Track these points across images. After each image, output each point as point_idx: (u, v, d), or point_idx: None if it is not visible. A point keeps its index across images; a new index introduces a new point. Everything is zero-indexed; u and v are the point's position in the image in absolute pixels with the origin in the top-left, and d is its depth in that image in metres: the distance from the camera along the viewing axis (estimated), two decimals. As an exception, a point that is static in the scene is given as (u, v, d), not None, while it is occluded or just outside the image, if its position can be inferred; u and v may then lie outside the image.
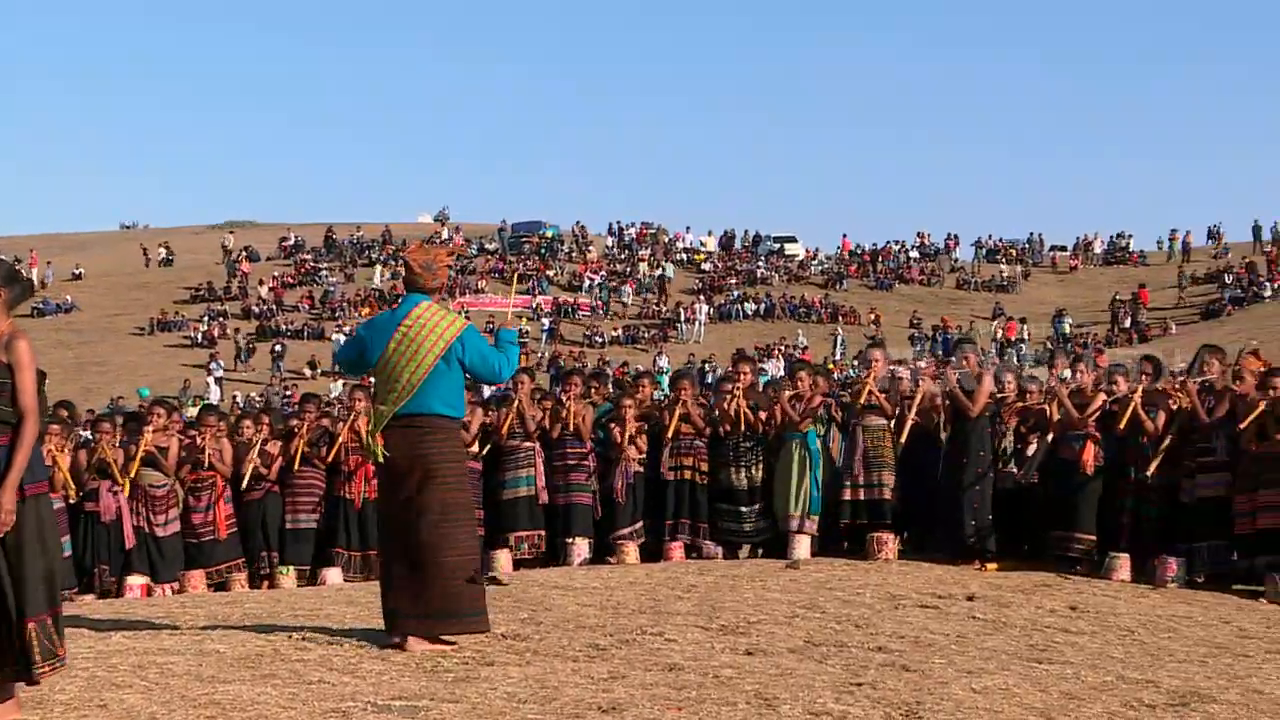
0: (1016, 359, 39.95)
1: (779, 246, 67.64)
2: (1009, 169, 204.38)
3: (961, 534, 11.46)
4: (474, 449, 12.18)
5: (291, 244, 68.15)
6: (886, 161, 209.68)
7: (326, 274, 62.60)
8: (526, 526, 12.46)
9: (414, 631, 6.99)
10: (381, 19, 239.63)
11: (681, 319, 54.75)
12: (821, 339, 51.88)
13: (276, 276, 61.30)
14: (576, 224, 69.37)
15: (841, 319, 55.46)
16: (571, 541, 12.32)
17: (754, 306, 57.94)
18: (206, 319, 53.77)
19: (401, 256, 10.50)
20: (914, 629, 8.21)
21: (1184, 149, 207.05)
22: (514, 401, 12.60)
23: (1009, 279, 62.35)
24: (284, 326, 53.38)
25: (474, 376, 7.66)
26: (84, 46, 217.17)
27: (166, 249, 68.43)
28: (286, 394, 38.34)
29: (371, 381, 8.37)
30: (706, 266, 64.20)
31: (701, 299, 57.63)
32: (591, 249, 66.22)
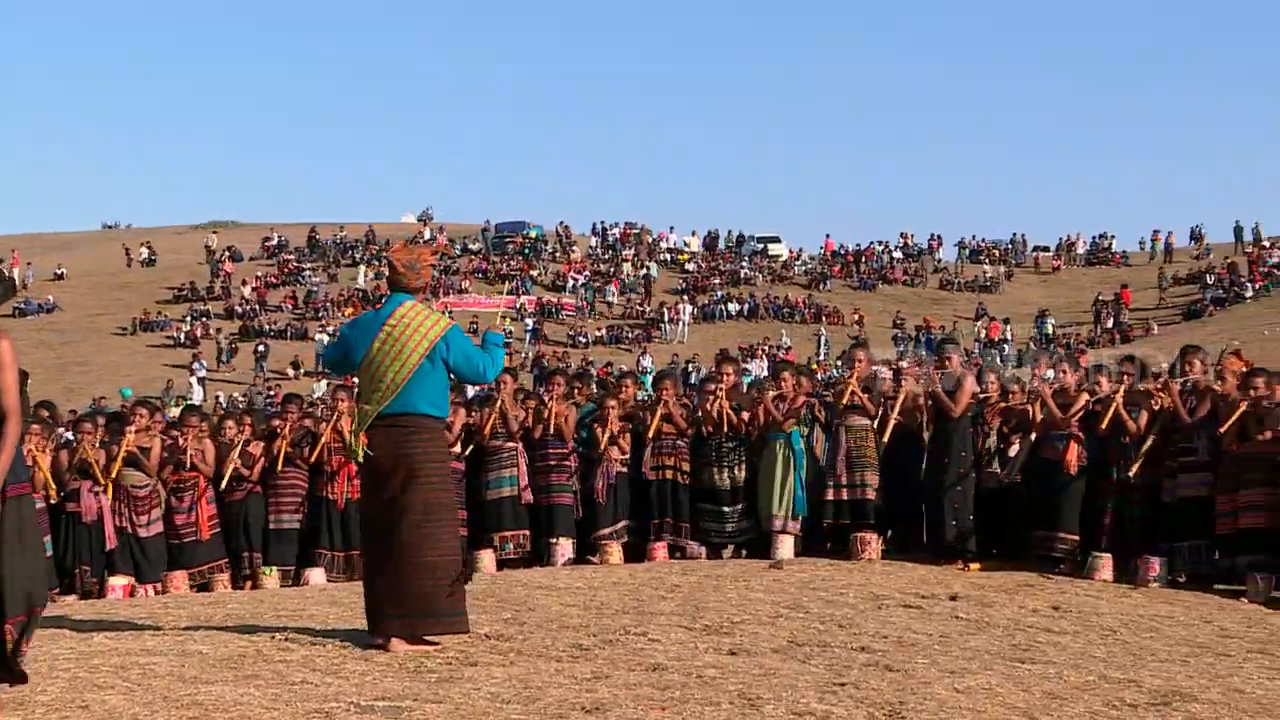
0: (999, 359, 40.03)
1: (762, 247, 67.72)
2: (992, 170, 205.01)
3: (943, 534, 11.49)
4: (456, 449, 12.18)
5: (275, 244, 68.00)
6: (870, 162, 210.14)
7: (310, 274, 62.50)
8: (510, 526, 12.46)
9: (394, 631, 6.98)
10: (366, 19, 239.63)
11: (665, 319, 54.75)
12: (805, 339, 51.93)
13: (260, 276, 61.15)
14: (560, 224, 69.41)
15: (825, 319, 55.53)
16: (555, 542, 12.32)
17: (738, 307, 57.98)
18: (189, 319, 53.64)
19: (385, 256, 10.47)
20: (897, 629, 8.22)
21: (1167, 150, 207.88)
22: (496, 402, 12.60)
23: (992, 279, 62.50)
24: (267, 327, 53.28)
25: (458, 377, 7.64)
26: (67, 46, 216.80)
27: (149, 249, 68.22)
28: (269, 394, 38.26)
29: (355, 381, 8.35)
30: (690, 267, 64.22)
31: (685, 299, 57.65)
32: (575, 249, 66.21)
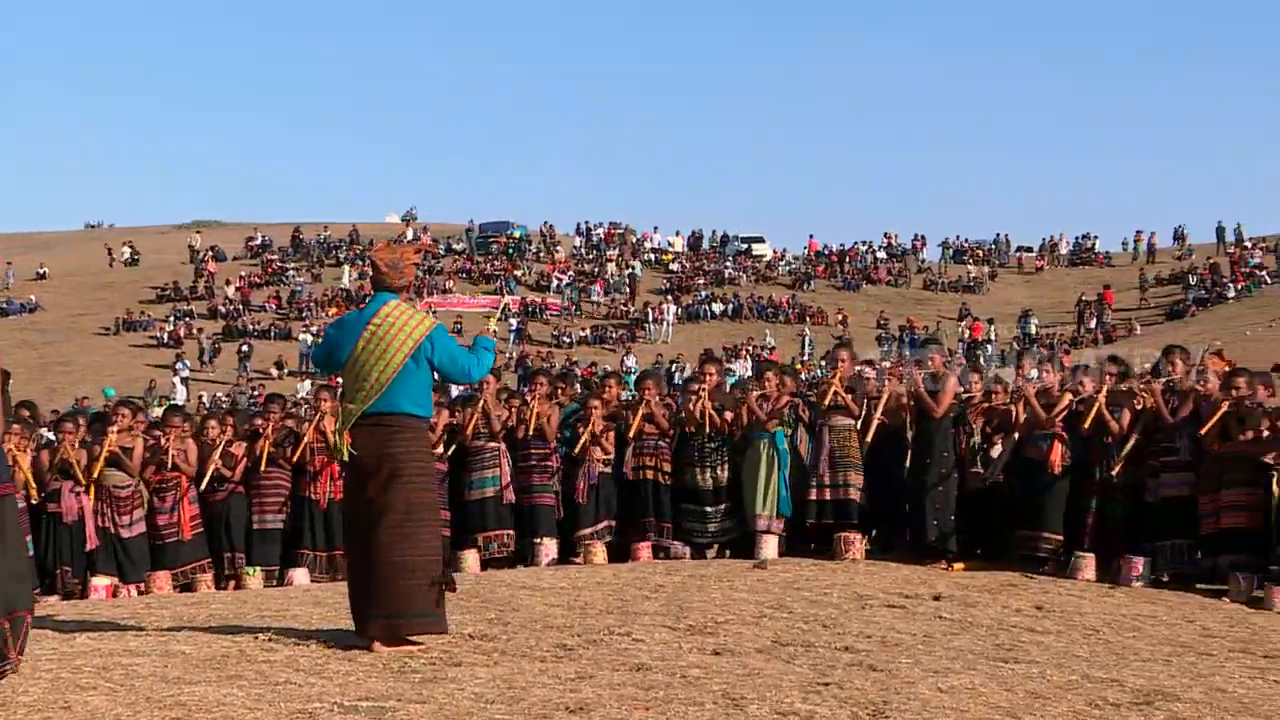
0: (983, 359, 40.09)
1: (746, 247, 67.76)
2: (976, 170, 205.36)
3: (925, 534, 11.50)
4: (439, 450, 12.15)
5: (258, 244, 67.87)
6: (854, 162, 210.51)
7: (293, 274, 62.38)
8: (494, 526, 12.43)
9: (374, 631, 6.97)
10: (352, 19, 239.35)
11: (649, 319, 54.75)
12: (789, 339, 51.96)
13: (243, 276, 61.03)
14: (544, 224, 69.38)
15: (809, 319, 55.59)
16: (539, 542, 12.31)
17: (722, 307, 58.00)
18: (172, 319, 53.51)
19: (368, 256, 10.45)
20: (881, 629, 8.23)
21: (1150, 150, 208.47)
22: (479, 401, 12.58)
23: (975, 280, 62.62)
24: (250, 327, 53.18)
25: (443, 376, 7.63)
26: (51, 45, 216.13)
27: (131, 248, 68.06)
28: (253, 395, 38.18)
29: (339, 381, 8.33)
30: (674, 267, 64.24)
31: (669, 299, 57.65)
32: (559, 249, 66.18)
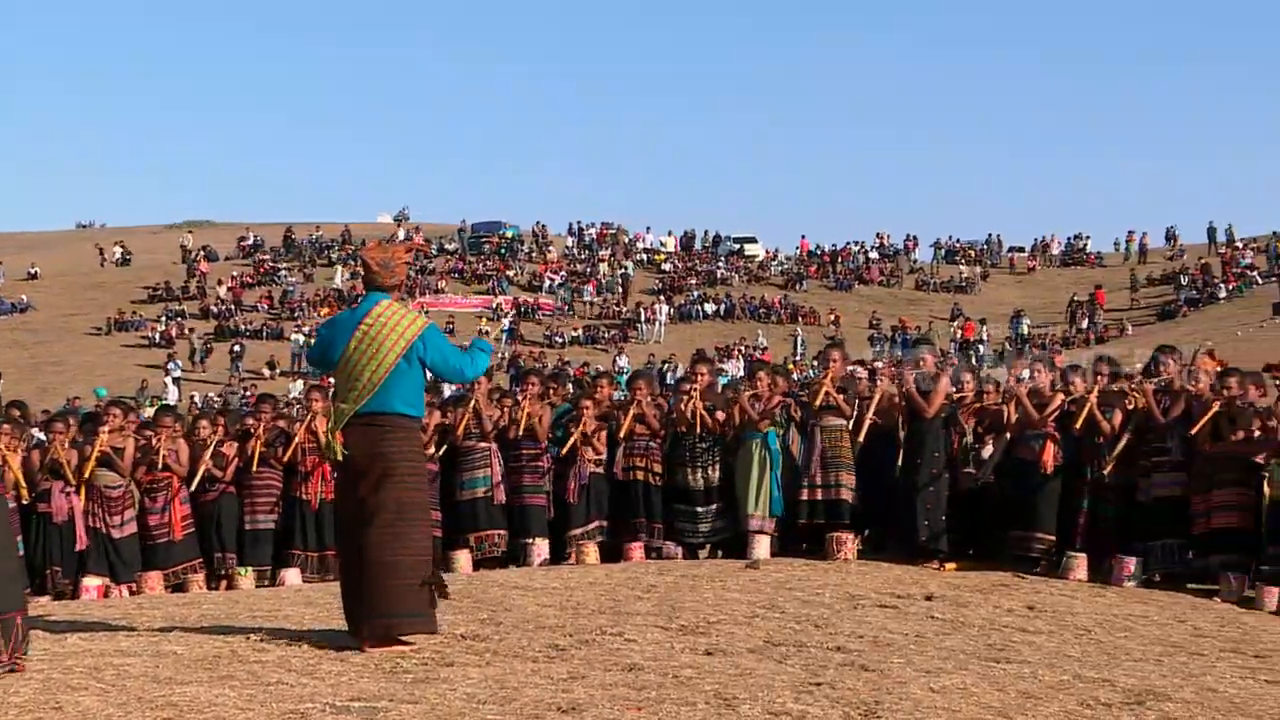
0: (975, 359, 40.16)
1: (739, 247, 67.86)
2: (969, 171, 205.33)
3: (916, 534, 11.50)
4: (431, 450, 12.13)
5: (250, 244, 67.88)
6: (846, 163, 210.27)
7: (285, 274, 62.37)
8: (485, 526, 12.43)
9: (365, 631, 6.96)
10: (342, 19, 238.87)
11: (642, 319, 54.77)
12: (781, 339, 52.02)
13: (235, 276, 61.05)
14: (537, 224, 69.36)
15: (801, 319, 55.68)
16: (531, 542, 12.31)
17: (714, 307, 58.06)
18: (164, 319, 53.47)
19: (359, 255, 10.43)
20: (873, 629, 8.23)
21: (1141, 151, 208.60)
22: (470, 401, 12.57)
23: (968, 280, 62.70)
24: (243, 326, 53.17)
25: (436, 375, 7.63)
26: (41, 45, 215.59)
27: (122, 248, 68.02)
28: (245, 394, 38.16)
29: (331, 381, 8.32)
30: (666, 267, 64.29)
31: (662, 299, 57.68)
32: (551, 249, 66.19)
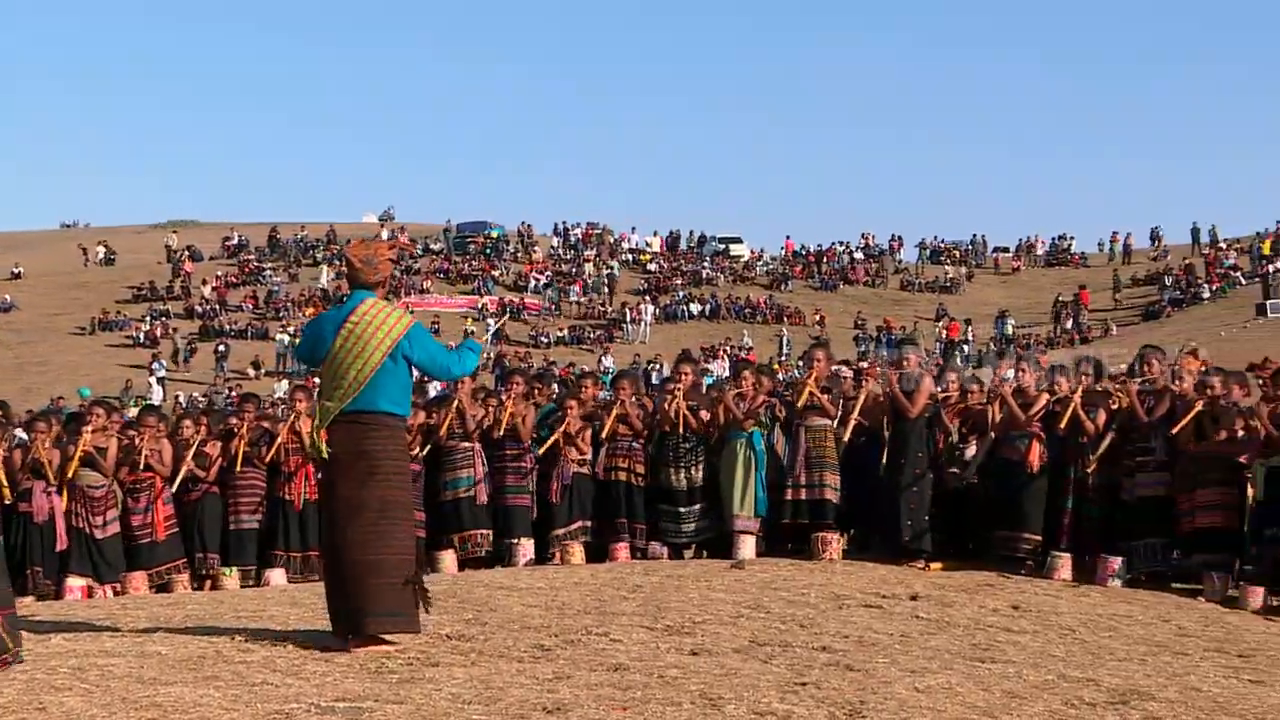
0: (960, 360, 40.24)
1: (724, 247, 67.95)
2: (953, 171, 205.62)
3: (899, 534, 11.50)
4: (415, 450, 12.10)
5: (235, 244, 67.79)
6: (831, 162, 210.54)
7: (270, 274, 62.30)
8: (469, 527, 12.41)
9: (346, 629, 6.95)
10: (326, 17, 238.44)
11: (627, 319, 54.77)
12: (767, 339, 52.08)
13: (220, 276, 60.97)
14: (522, 224, 69.36)
15: (786, 320, 55.74)
16: (516, 542, 12.29)
17: (699, 307, 58.11)
18: (149, 319, 53.35)
19: (343, 254, 10.40)
20: (858, 629, 8.23)
21: (1125, 151, 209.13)
22: (453, 401, 12.55)
23: (952, 280, 62.83)
24: (227, 326, 53.08)
25: (424, 373, 7.62)
26: (26, 44, 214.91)
27: (106, 248, 67.90)
28: (230, 394, 38.10)
29: (316, 381, 8.31)
30: (652, 267, 64.32)
31: (647, 299, 57.69)
32: (537, 249, 66.17)
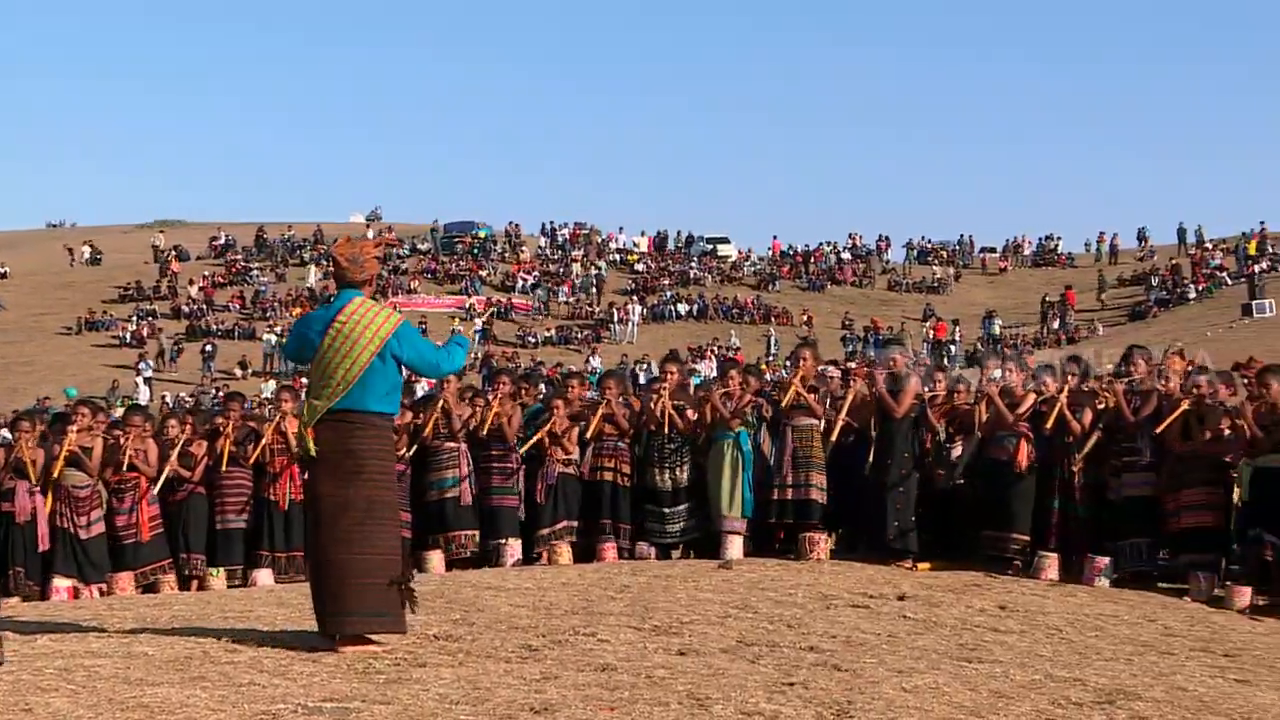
0: (947, 360, 40.28)
1: (711, 248, 67.99)
2: (940, 171, 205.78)
3: (885, 534, 11.51)
4: (401, 450, 12.07)
5: (222, 243, 67.68)
6: (819, 163, 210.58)
7: (257, 274, 62.23)
8: (455, 527, 12.38)
9: (331, 628, 6.94)
10: (313, 15, 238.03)
11: (614, 319, 54.77)
12: (754, 340, 52.12)
13: (207, 276, 60.88)
14: (510, 224, 69.38)
15: (774, 320, 55.76)
16: (504, 542, 12.27)
17: (687, 307, 58.13)
18: (135, 319, 53.24)
19: (330, 253, 10.38)
20: (845, 629, 8.24)
21: (1112, 152, 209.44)
22: (438, 401, 12.53)
23: (940, 280, 62.91)
24: (214, 326, 53.00)
25: (413, 371, 7.60)
26: (10, 42, 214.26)
27: (91, 248, 67.76)
28: (216, 395, 38.04)
29: (303, 381, 8.30)
30: (639, 267, 64.33)
31: (634, 299, 57.70)
32: (524, 249, 66.16)
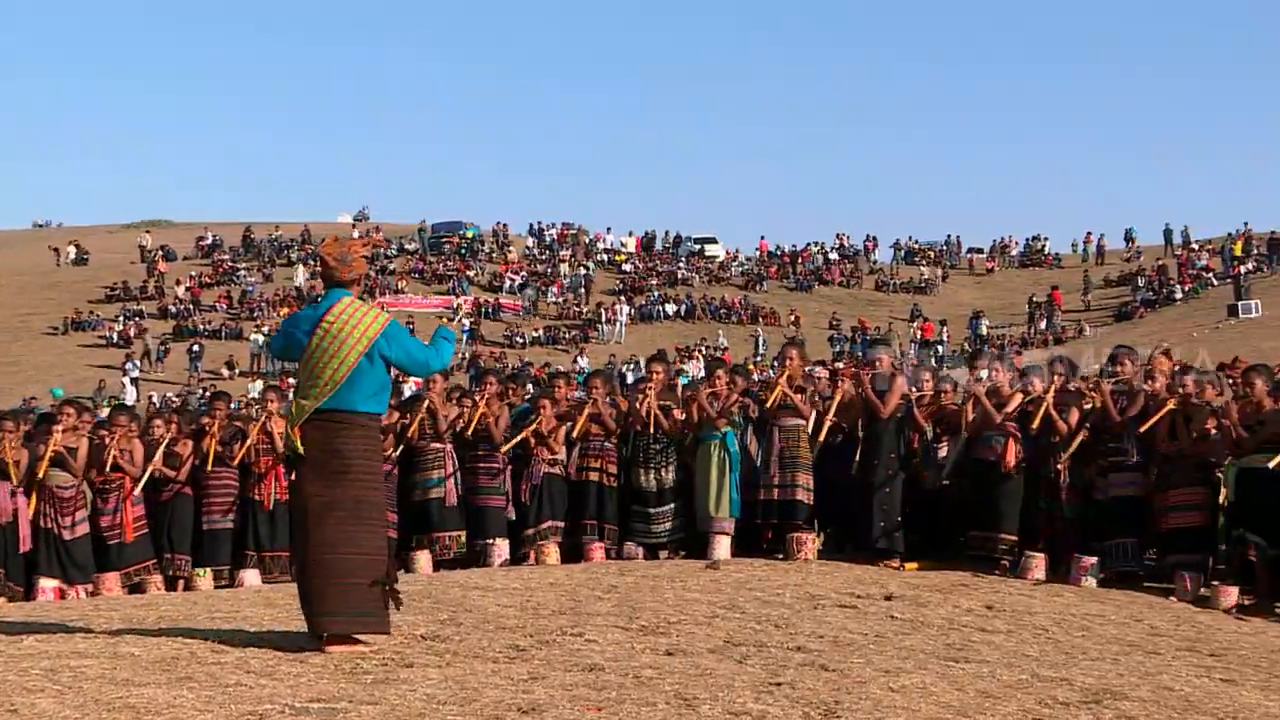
0: (935, 360, 40.33)
1: (699, 248, 68.03)
2: (928, 172, 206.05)
3: (870, 534, 11.51)
4: (389, 450, 12.06)
5: (209, 243, 67.56)
6: (806, 163, 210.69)
7: (244, 274, 62.14)
8: (441, 528, 12.36)
9: (317, 629, 6.93)
10: (299, 15, 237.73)
11: (602, 320, 54.78)
12: (742, 340, 52.13)
13: (194, 276, 60.75)
14: (497, 224, 69.33)
15: (762, 320, 55.80)
16: (491, 543, 12.26)
17: (675, 307, 58.14)
18: (122, 319, 53.12)
19: (317, 252, 10.37)
20: (833, 629, 8.25)
21: (1099, 152, 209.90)
22: (424, 401, 12.52)
23: (927, 281, 63.00)
24: (201, 326, 52.90)
25: (403, 371, 7.58)
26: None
27: (77, 248, 67.61)
28: (203, 395, 37.97)
29: (290, 382, 8.28)
30: (627, 267, 64.34)
31: (622, 300, 57.70)
32: (512, 249, 66.13)
